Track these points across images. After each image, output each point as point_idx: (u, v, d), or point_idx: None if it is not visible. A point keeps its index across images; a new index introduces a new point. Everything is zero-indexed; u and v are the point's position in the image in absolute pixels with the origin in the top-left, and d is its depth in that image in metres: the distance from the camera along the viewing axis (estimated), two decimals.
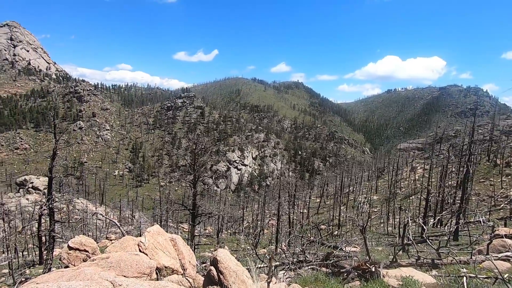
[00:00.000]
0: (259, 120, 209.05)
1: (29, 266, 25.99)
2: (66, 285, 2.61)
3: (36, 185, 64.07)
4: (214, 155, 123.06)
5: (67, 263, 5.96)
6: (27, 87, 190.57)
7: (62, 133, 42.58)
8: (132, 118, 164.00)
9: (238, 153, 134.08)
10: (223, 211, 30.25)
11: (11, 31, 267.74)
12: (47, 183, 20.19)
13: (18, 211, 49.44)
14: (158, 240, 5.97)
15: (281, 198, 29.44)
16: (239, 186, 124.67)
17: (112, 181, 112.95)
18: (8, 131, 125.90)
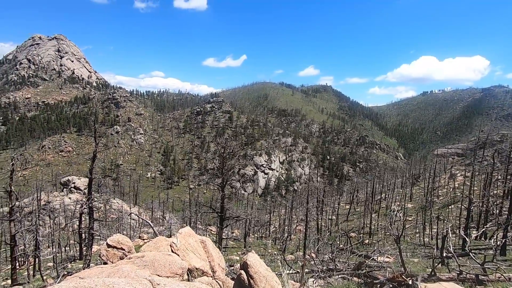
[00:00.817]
0: (286, 124, 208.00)
1: (70, 260, 27.88)
2: (110, 281, 2.77)
3: (77, 185, 68.82)
4: (241, 159, 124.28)
5: (105, 260, 6.32)
6: (71, 94, 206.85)
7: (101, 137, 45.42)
8: (164, 123, 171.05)
9: (265, 157, 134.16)
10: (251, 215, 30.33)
11: (58, 43, 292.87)
12: (88, 183, 21.62)
13: (62, 209, 53.37)
14: (189, 242, 6.12)
15: (309, 203, 28.90)
16: (266, 190, 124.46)
17: (145, 182, 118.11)
18: (54, 135, 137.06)
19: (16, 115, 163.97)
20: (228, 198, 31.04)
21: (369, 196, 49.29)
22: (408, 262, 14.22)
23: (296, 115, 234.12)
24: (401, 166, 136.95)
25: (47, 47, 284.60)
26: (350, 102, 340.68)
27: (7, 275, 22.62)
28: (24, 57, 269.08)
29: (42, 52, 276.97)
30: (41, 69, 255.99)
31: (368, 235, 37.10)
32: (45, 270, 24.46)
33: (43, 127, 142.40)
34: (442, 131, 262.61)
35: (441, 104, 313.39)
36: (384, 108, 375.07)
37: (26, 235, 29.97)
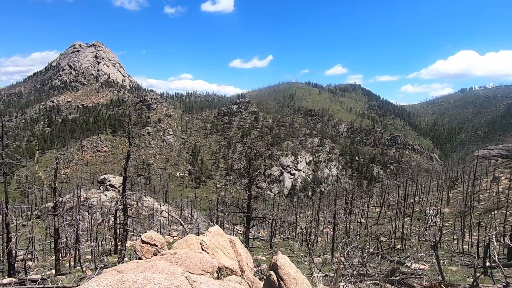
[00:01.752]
0: (313, 125, 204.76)
1: (106, 254, 29.51)
2: (150, 276, 2.90)
3: (112, 183, 72.77)
4: (267, 160, 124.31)
5: (140, 255, 6.62)
6: (107, 97, 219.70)
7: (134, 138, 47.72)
8: (192, 124, 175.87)
9: (291, 158, 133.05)
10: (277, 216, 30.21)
11: (96, 50, 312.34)
12: (122, 182, 22.80)
13: (99, 206, 56.70)
14: (218, 241, 6.23)
15: (337, 205, 28.19)
16: (292, 191, 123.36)
17: (174, 181, 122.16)
18: (92, 136, 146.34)
19: (59, 118, 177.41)
20: (255, 198, 31.15)
21: (401, 199, 47.04)
22: (445, 271, 13.35)
23: (323, 115, 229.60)
24: (437, 168, 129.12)
25: (86, 54, 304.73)
26: (380, 101, 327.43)
27: (51, 265, 24.42)
28: (66, 64, 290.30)
29: (81, 58, 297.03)
30: (80, 75, 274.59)
31: (400, 240, 35.41)
32: (84, 262, 26.09)
33: (82, 129, 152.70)
34: (483, 131, 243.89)
35: (482, 101, 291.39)
36: (417, 107, 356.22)
37: (68, 229, 32.26)
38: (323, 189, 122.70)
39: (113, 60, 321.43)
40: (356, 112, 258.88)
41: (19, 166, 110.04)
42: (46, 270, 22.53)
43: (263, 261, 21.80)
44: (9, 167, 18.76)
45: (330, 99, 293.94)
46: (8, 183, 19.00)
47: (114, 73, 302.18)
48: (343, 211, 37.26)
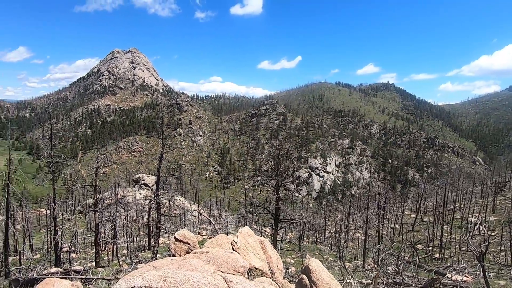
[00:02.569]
0: (343, 126, 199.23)
1: (140, 250, 30.94)
2: (189, 274, 3.00)
3: (146, 182, 76.26)
4: (295, 161, 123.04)
5: (173, 252, 6.86)
6: (142, 100, 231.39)
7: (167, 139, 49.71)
8: (221, 125, 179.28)
9: (320, 160, 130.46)
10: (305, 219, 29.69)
11: (132, 56, 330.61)
12: (155, 181, 23.85)
13: (134, 203, 59.64)
14: (249, 241, 6.27)
15: (369, 210, 27.12)
16: (321, 193, 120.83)
17: (203, 182, 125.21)
18: (128, 137, 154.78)
19: (99, 120, 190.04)
20: (283, 200, 30.94)
21: (440, 205, 44.12)
22: (492, 285, 12.27)
23: (354, 115, 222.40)
24: (481, 172, 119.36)
25: (123, 60, 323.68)
26: (416, 101, 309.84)
27: (92, 258, 26.13)
28: (106, 70, 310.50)
29: (119, 64, 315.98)
30: (118, 79, 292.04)
31: (439, 249, 33.21)
32: (121, 256, 27.57)
33: (119, 130, 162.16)
34: None
35: None
36: (458, 107, 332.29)
37: (106, 225, 34.33)
38: (354, 192, 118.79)
39: (147, 65, 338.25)
40: (389, 113, 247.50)
41: (64, 165, 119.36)
42: (87, 262, 24.14)
43: (292, 264, 21.57)
44: (56, 166, 20.42)
45: (361, 99, 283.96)
46: (55, 180, 20.70)
47: (148, 77, 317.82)
48: (376, 215, 35.72)
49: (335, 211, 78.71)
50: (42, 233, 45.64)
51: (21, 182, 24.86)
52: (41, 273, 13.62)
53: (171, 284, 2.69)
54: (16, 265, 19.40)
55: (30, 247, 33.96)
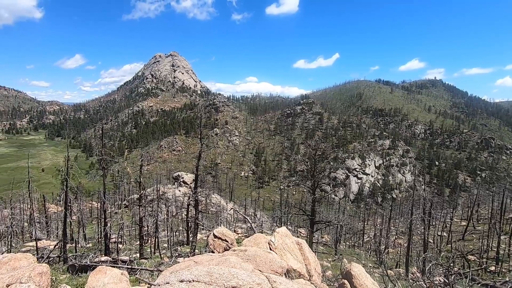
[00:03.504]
0: (383, 125, 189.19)
1: (179, 244, 32.34)
2: (234, 271, 3.06)
3: (185, 180, 79.57)
4: (332, 162, 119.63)
5: (212, 249, 7.05)
6: (181, 102, 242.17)
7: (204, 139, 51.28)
8: (256, 125, 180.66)
9: (358, 161, 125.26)
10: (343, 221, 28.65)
11: (172, 59, 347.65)
12: (194, 179, 24.74)
13: (173, 200, 62.57)
14: (286, 242, 6.20)
15: (413, 215, 25.38)
16: (359, 196, 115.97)
17: (239, 181, 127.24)
18: (169, 136, 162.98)
19: (143, 120, 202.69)
20: (319, 201, 30.25)
21: (496, 213, 39.81)
22: None
23: (396, 114, 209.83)
24: None
25: (164, 63, 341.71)
26: (468, 98, 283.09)
27: (136, 249, 27.93)
28: (149, 73, 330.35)
29: (161, 67, 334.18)
30: (160, 82, 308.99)
31: (495, 262, 29.98)
32: (162, 249, 29.09)
33: (161, 130, 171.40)
34: None
35: None
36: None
37: (149, 219, 36.47)
38: (395, 196, 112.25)
39: (186, 68, 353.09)
40: (436, 111, 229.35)
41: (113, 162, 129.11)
42: (132, 253, 25.83)
43: (328, 268, 20.99)
44: (106, 163, 22.17)
45: (404, 97, 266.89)
46: (105, 176, 22.50)
47: (187, 80, 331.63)
48: (421, 221, 33.32)
49: (374, 215, 75.06)
50: (93, 224, 49.92)
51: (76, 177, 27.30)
52: (93, 261, 14.85)
53: (217, 280, 2.76)
54: (72, 252, 21.44)
55: (84, 236, 37.33)
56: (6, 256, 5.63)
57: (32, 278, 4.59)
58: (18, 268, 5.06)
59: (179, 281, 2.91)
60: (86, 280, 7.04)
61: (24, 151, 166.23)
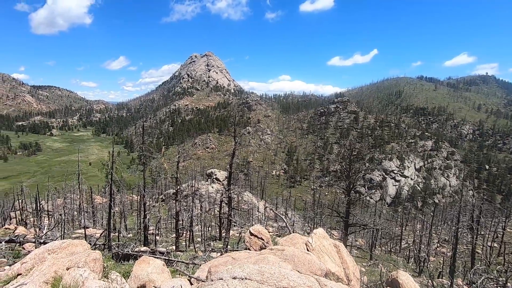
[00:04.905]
0: (425, 125, 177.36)
1: (212, 239, 33.24)
2: (285, 272, 3.07)
3: (218, 177, 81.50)
4: (367, 163, 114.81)
5: (248, 246, 7.13)
6: (215, 100, 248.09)
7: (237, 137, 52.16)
8: (289, 124, 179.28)
9: (396, 162, 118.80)
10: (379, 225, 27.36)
11: (207, 59, 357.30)
12: (227, 176, 25.24)
13: (207, 196, 64.43)
14: (324, 244, 6.05)
15: (459, 222, 23.48)
16: (397, 199, 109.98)
17: (270, 179, 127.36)
18: (203, 134, 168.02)
19: (179, 119, 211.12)
20: (353, 203, 29.30)
21: None
22: None
23: (440, 113, 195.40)
24: None
25: (200, 63, 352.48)
26: None
27: (172, 242, 29.23)
28: (185, 73, 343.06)
29: (196, 67, 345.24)
30: (195, 82, 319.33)
31: None
32: (196, 243, 30.11)
33: (195, 128, 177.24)
34: None
35: None
36: None
37: (184, 213, 37.94)
38: (438, 201, 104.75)
39: (220, 67, 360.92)
40: (487, 110, 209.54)
41: (151, 158, 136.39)
42: (168, 245, 27.05)
43: (363, 272, 20.21)
44: (146, 158, 23.47)
45: (450, 94, 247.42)
46: (144, 171, 23.85)
47: (221, 79, 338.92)
48: (468, 230, 30.72)
49: (413, 220, 70.76)
50: (133, 216, 53.18)
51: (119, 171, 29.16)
52: (134, 250, 15.80)
53: (268, 279, 2.78)
54: (115, 241, 23.02)
55: (125, 227, 39.91)
56: (65, 242, 6.21)
57: (87, 263, 5.02)
58: (75, 253, 5.56)
59: (232, 277, 2.96)
60: (130, 268, 7.52)
61: (74, 146, 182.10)
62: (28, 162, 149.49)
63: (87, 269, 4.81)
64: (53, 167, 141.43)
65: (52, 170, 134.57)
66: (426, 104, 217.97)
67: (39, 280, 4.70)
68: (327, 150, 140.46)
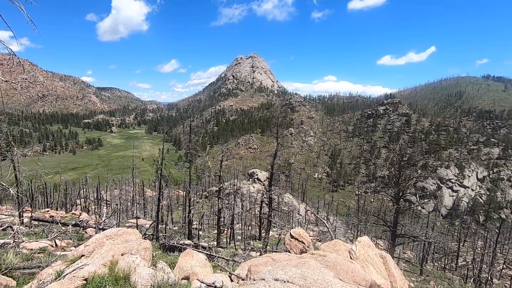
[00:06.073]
0: (491, 130, 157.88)
1: (252, 238, 33.65)
2: (329, 280, 3.01)
3: (259, 177, 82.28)
4: (420, 170, 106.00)
5: (288, 248, 7.07)
6: (259, 101, 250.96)
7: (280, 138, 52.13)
8: (333, 126, 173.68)
9: (454, 171, 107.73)
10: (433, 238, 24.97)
11: (252, 61, 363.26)
12: (268, 177, 25.32)
13: (248, 195, 65.43)
14: (369, 253, 5.73)
15: None
16: (454, 212, 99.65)
17: (312, 182, 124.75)
18: (246, 134, 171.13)
19: (223, 119, 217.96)
20: (403, 212, 27.38)
21: None
22: None
23: (510, 117, 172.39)
24: None
25: (245, 65, 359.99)
26: None
27: (214, 238, 30.28)
28: (230, 74, 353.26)
29: (242, 69, 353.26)
30: (240, 83, 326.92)
31: None
32: (236, 241, 30.77)
33: (239, 128, 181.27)
34: None
35: None
36: None
37: (226, 211, 39.05)
38: (505, 216, 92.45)
39: (265, 68, 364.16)
40: None
41: (197, 156, 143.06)
42: (210, 241, 28.07)
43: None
44: (192, 156, 24.67)
45: None
46: (191, 168, 25.10)
47: (265, 80, 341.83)
48: None
49: (473, 236, 63.42)
50: (179, 210, 56.29)
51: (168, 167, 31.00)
52: (178, 242, 16.70)
53: (311, 285, 2.73)
54: (162, 232, 24.60)
55: (171, 220, 42.44)
56: (121, 230, 6.85)
57: (139, 251, 5.48)
58: (129, 241, 6.11)
59: (274, 279, 2.97)
60: (175, 259, 7.98)
61: (130, 143, 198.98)
62: (92, 155, 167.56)
63: (138, 257, 5.24)
64: (112, 161, 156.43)
65: (111, 163, 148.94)
66: (493, 106, 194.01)
67: (99, 262, 5.24)
68: (374, 154, 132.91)
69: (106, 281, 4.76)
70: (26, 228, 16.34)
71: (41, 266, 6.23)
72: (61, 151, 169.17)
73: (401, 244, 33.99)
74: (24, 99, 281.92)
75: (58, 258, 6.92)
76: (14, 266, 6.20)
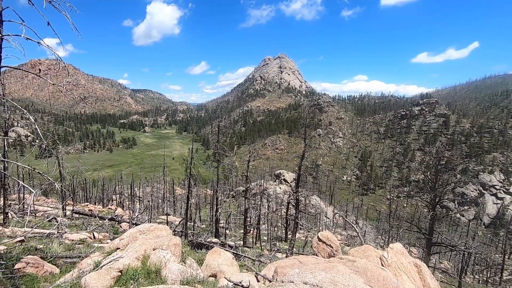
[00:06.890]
0: None
1: (278, 239, 33.49)
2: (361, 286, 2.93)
3: (286, 178, 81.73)
4: (459, 175, 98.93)
5: (316, 252, 6.94)
6: (286, 102, 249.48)
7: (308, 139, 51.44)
8: (363, 127, 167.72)
9: (499, 176, 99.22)
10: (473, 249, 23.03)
11: (280, 61, 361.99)
12: (296, 178, 25.06)
13: (274, 196, 65.23)
14: (402, 261, 5.43)
15: None
16: (498, 221, 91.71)
17: (340, 184, 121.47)
18: (273, 135, 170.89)
19: (251, 119, 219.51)
20: (439, 220, 25.77)
21: None
22: None
23: None
24: None
25: (272, 65, 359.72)
26: None
27: (240, 237, 30.58)
28: (258, 75, 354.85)
29: (269, 70, 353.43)
30: (267, 83, 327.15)
31: None
32: (262, 241, 30.80)
33: (266, 129, 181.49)
34: None
35: None
36: None
37: (252, 211, 39.26)
38: None
39: (293, 69, 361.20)
40: None
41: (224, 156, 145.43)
42: (237, 240, 28.37)
43: None
44: (220, 156, 25.11)
45: None
46: (218, 168, 25.55)
47: (293, 80, 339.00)
48: None
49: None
50: (206, 209, 57.58)
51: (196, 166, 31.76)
52: (206, 240, 17.08)
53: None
54: (190, 229, 25.32)
55: (199, 218, 43.52)
56: (153, 225, 7.18)
57: (170, 247, 5.69)
58: (160, 237, 6.38)
59: (303, 282, 2.94)
60: (203, 256, 8.17)
61: (161, 142, 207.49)
62: (126, 154, 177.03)
63: (169, 252, 5.45)
64: (145, 159, 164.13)
65: (144, 162, 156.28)
66: None
67: (132, 256, 5.52)
68: (408, 157, 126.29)
69: (139, 274, 5.00)
70: (68, 220, 17.68)
71: (81, 256, 6.71)
72: (99, 149, 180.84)
73: (437, 253, 31.92)
74: (68, 100, 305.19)
75: (96, 249, 7.42)
76: (58, 255, 6.74)
